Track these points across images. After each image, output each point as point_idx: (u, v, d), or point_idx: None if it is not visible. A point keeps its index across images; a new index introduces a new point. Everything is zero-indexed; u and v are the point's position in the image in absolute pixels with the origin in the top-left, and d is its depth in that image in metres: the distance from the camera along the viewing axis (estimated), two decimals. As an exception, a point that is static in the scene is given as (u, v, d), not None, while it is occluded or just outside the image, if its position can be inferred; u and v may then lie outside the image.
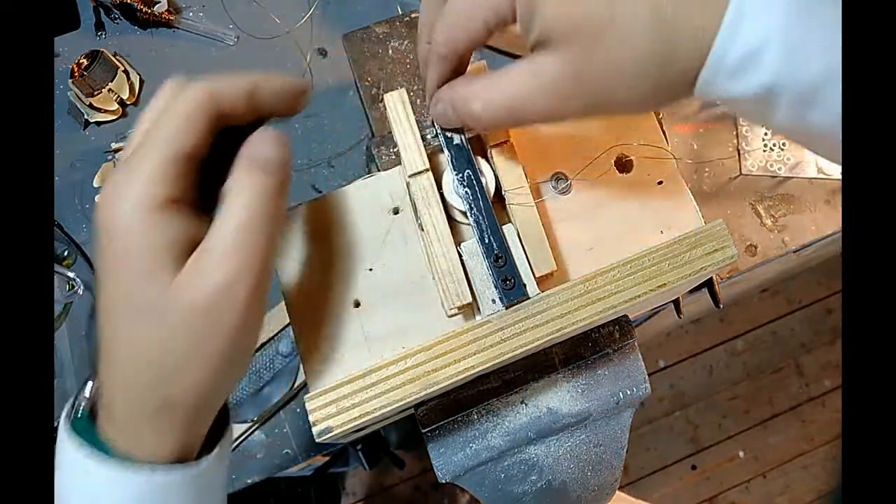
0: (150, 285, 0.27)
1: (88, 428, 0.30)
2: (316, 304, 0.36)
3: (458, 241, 0.36)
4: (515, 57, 0.66)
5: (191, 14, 0.67)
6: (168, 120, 0.28)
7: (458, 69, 0.33)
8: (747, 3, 0.25)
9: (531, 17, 0.28)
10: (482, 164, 0.37)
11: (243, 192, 0.28)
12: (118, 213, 0.27)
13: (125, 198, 0.27)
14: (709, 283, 0.47)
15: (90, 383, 0.32)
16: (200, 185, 0.29)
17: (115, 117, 0.63)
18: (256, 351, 0.58)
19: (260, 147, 0.29)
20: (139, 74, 0.65)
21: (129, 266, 0.27)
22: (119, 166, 0.28)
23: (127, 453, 0.29)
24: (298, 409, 0.58)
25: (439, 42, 0.32)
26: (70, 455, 0.29)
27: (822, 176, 0.63)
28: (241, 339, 0.28)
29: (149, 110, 0.30)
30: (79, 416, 0.31)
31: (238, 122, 0.30)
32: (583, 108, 0.30)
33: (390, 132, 0.38)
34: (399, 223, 0.38)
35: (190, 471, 0.30)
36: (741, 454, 1.59)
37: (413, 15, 0.59)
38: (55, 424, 0.31)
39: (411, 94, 0.47)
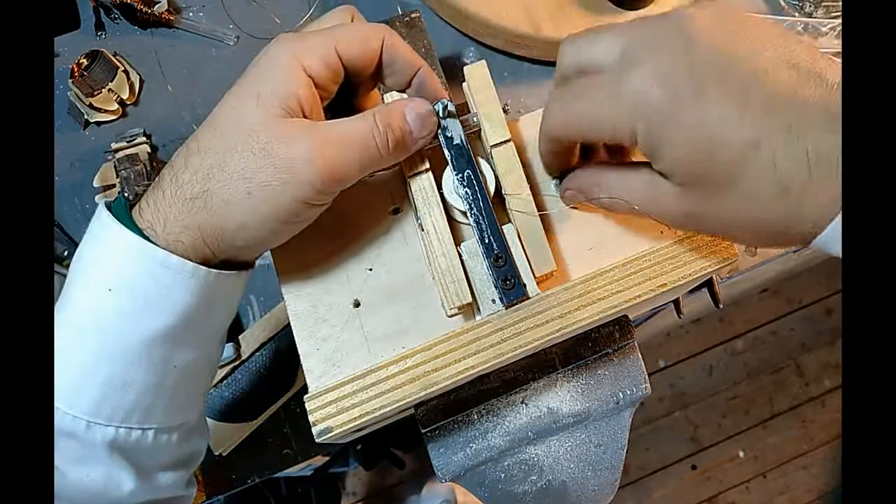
0: (261, 108, 0.31)
1: (124, 214, 0.33)
2: (316, 304, 0.36)
3: (458, 241, 0.36)
4: (532, 61, 0.66)
5: (191, 14, 0.67)
6: (346, 29, 0.34)
7: (568, 152, 0.36)
8: None
9: (656, 151, 0.29)
10: (482, 164, 0.37)
11: (371, 116, 0.32)
12: (278, 49, 0.32)
13: (289, 45, 0.32)
14: (709, 283, 0.47)
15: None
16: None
17: (115, 117, 0.63)
18: (256, 351, 0.58)
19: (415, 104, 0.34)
20: (139, 74, 0.65)
21: (256, 85, 0.32)
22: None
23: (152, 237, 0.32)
24: (298, 409, 0.58)
25: (554, 131, 0.33)
26: (102, 224, 0.32)
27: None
28: (291, 207, 0.31)
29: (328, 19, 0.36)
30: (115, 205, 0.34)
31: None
32: (696, 231, 0.32)
33: (390, 132, 0.38)
34: (399, 223, 0.38)
35: (200, 271, 0.32)
36: (741, 454, 1.59)
37: (413, 15, 0.59)
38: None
39: (411, 94, 0.47)
